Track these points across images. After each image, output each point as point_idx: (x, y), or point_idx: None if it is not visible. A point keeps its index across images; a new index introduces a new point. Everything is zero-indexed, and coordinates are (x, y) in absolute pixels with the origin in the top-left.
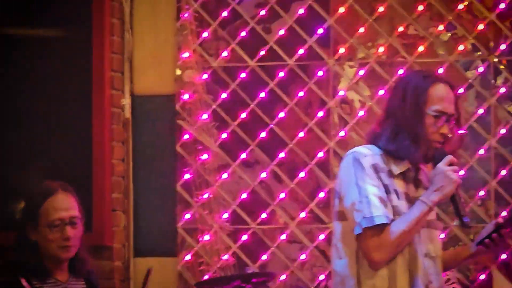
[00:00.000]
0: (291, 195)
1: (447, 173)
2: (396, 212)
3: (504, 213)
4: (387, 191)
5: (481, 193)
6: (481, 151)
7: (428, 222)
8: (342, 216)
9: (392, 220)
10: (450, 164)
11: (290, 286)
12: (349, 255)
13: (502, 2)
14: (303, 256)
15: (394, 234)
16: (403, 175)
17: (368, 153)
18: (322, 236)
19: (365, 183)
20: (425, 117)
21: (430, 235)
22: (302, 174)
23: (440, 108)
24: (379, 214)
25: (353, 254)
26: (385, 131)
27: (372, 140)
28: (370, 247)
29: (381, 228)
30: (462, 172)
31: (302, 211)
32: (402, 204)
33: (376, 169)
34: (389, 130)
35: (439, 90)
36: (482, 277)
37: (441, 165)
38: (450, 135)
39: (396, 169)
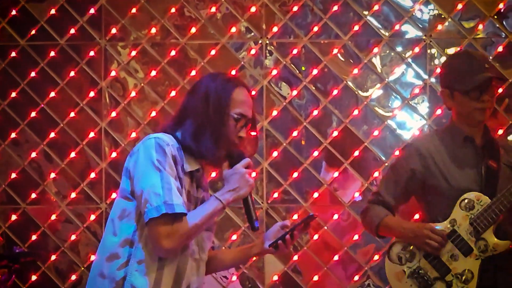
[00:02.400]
0: (62, 175)
1: (245, 175)
2: None
3: (295, 217)
4: (180, 185)
5: (253, 174)
6: (253, 133)
7: None
8: (128, 195)
9: None
10: (247, 167)
11: (61, 265)
12: (126, 234)
13: None
14: (73, 236)
15: (187, 225)
16: (190, 174)
17: (170, 143)
18: (93, 217)
19: (166, 170)
20: (228, 119)
21: (199, 236)
22: (73, 154)
23: (242, 111)
24: (179, 203)
25: (131, 235)
26: (187, 128)
27: (169, 132)
28: (161, 233)
29: (178, 217)
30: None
31: (73, 191)
32: (184, 201)
33: (175, 160)
34: (191, 129)
35: (241, 94)
36: (253, 258)
37: (239, 166)
38: (244, 136)
39: (188, 167)
